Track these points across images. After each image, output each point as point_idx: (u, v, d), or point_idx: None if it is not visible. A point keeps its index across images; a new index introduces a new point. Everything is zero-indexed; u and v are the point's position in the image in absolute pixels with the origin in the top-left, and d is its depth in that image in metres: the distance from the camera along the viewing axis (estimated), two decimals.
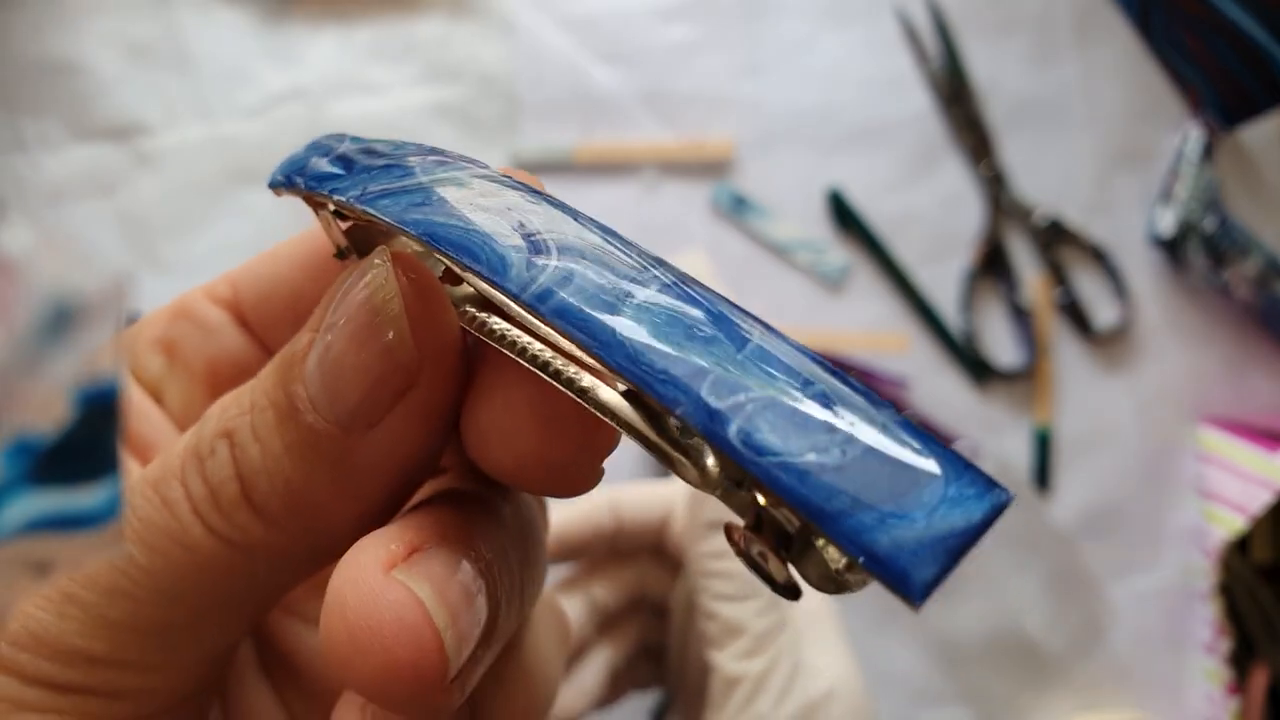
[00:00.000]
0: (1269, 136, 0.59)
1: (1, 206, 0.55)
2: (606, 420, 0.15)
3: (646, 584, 0.40)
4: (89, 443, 0.09)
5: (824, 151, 0.58)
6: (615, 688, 0.40)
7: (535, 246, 0.14)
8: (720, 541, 0.35)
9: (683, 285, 0.14)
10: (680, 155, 0.57)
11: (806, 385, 0.13)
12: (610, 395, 0.14)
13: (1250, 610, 0.55)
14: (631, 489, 0.39)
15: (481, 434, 0.16)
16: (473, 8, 0.58)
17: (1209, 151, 0.57)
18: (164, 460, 0.16)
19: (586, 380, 0.15)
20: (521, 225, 0.15)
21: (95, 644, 0.15)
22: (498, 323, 0.16)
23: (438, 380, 0.16)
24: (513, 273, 0.14)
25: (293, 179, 0.17)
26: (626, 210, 0.57)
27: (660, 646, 0.41)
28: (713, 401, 0.12)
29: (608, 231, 0.15)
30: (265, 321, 0.21)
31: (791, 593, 0.14)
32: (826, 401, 0.12)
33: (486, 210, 0.15)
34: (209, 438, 0.16)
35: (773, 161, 0.58)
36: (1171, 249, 0.57)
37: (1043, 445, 0.57)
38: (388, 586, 0.14)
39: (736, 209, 0.57)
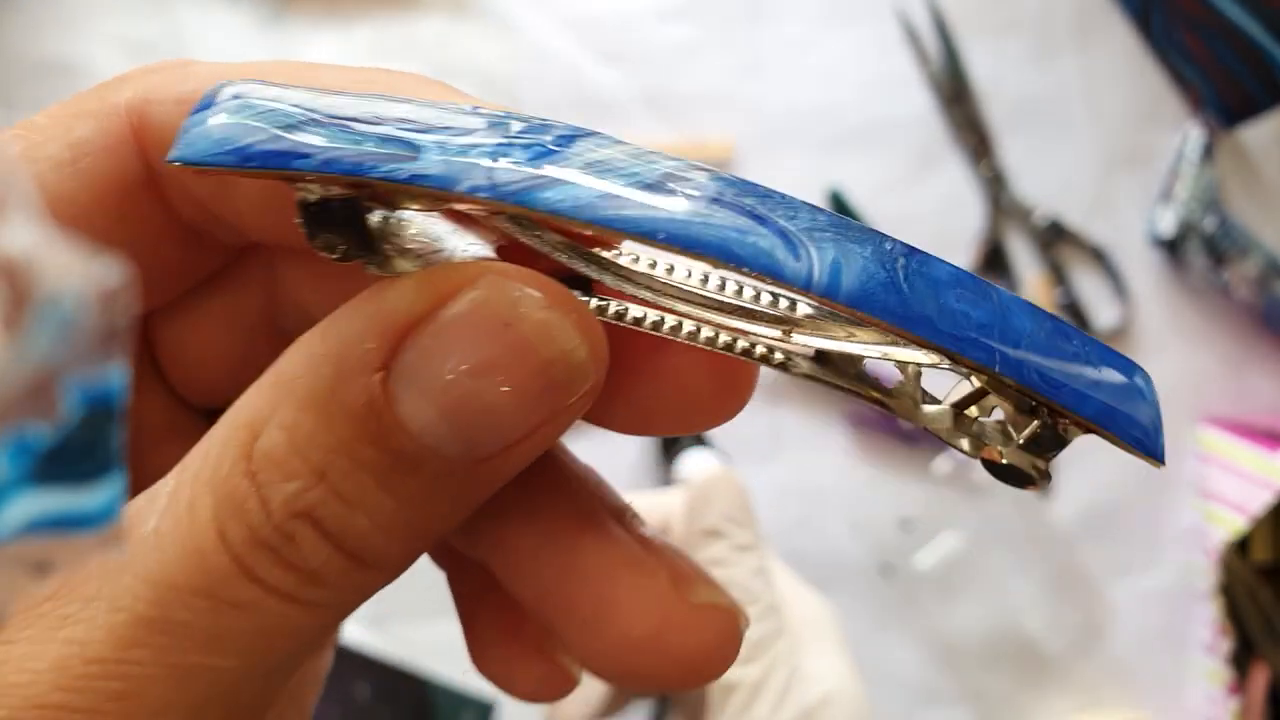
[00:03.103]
0: (1269, 136, 0.59)
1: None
2: (802, 379, 0.16)
3: None
4: (89, 443, 0.09)
5: (824, 151, 0.58)
6: (618, 697, 0.40)
7: (761, 220, 0.14)
8: (717, 549, 0.35)
9: (892, 245, 0.15)
10: (680, 155, 0.57)
11: (1049, 320, 0.14)
12: (804, 363, 0.15)
13: (1250, 610, 0.55)
14: (629, 499, 0.39)
15: (645, 410, 0.17)
16: (473, 8, 0.58)
17: (1209, 151, 0.57)
18: (200, 565, 0.14)
19: (761, 348, 0.15)
20: (719, 195, 0.14)
21: None
22: (635, 309, 0.15)
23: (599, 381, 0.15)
24: (788, 269, 0.13)
25: (286, 160, 0.13)
26: None
27: None
28: (1011, 352, 0.14)
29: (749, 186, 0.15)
30: None
31: (1043, 477, 0.15)
32: (1063, 332, 0.15)
33: (664, 188, 0.15)
34: (277, 525, 0.14)
35: (773, 161, 0.58)
36: (1171, 249, 0.57)
37: None
38: (698, 614, 0.16)
39: None
